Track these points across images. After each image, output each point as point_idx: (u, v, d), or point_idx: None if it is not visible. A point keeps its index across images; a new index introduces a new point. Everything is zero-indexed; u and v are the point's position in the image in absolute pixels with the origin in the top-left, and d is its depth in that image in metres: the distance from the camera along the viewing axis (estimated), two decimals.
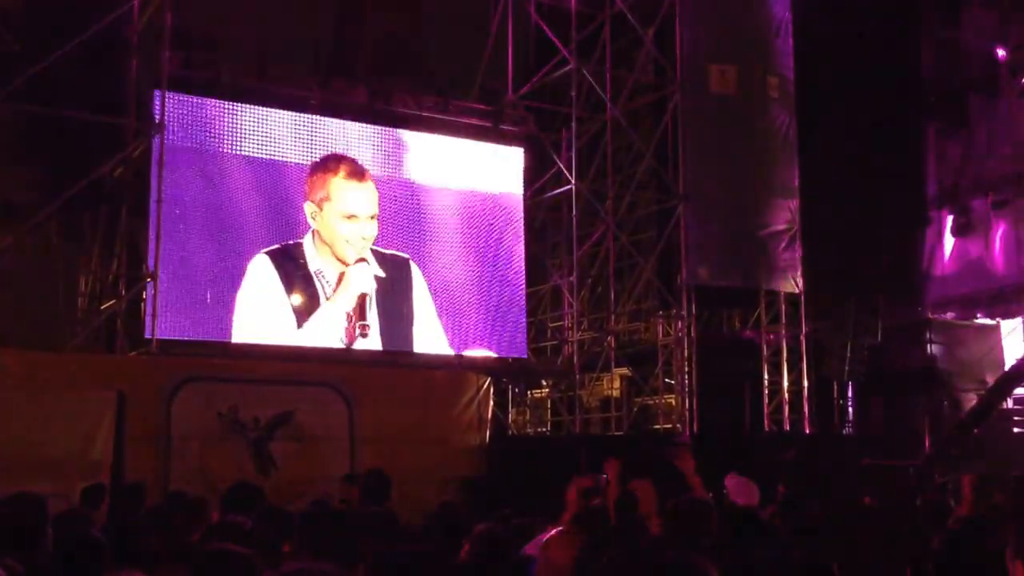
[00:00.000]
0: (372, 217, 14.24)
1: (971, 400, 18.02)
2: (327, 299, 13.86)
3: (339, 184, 14.17)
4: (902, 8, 18.46)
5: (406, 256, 14.72)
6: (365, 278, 13.86)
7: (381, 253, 14.44)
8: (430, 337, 14.76)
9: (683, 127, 15.72)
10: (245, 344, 13.41)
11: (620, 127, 16.28)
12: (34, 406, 10.21)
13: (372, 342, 14.18)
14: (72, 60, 11.85)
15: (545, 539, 5.44)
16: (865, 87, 17.81)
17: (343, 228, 13.97)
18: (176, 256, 13.04)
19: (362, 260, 13.88)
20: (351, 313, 13.74)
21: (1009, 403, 18.22)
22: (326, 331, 13.81)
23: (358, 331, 13.66)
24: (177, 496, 7.62)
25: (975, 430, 14.92)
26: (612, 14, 15.84)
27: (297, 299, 13.73)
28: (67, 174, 12.16)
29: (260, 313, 13.55)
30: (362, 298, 13.72)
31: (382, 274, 14.32)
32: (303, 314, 13.73)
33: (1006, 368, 18.71)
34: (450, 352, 14.84)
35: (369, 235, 14.14)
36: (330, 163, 14.26)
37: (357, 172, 14.34)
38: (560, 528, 5.61)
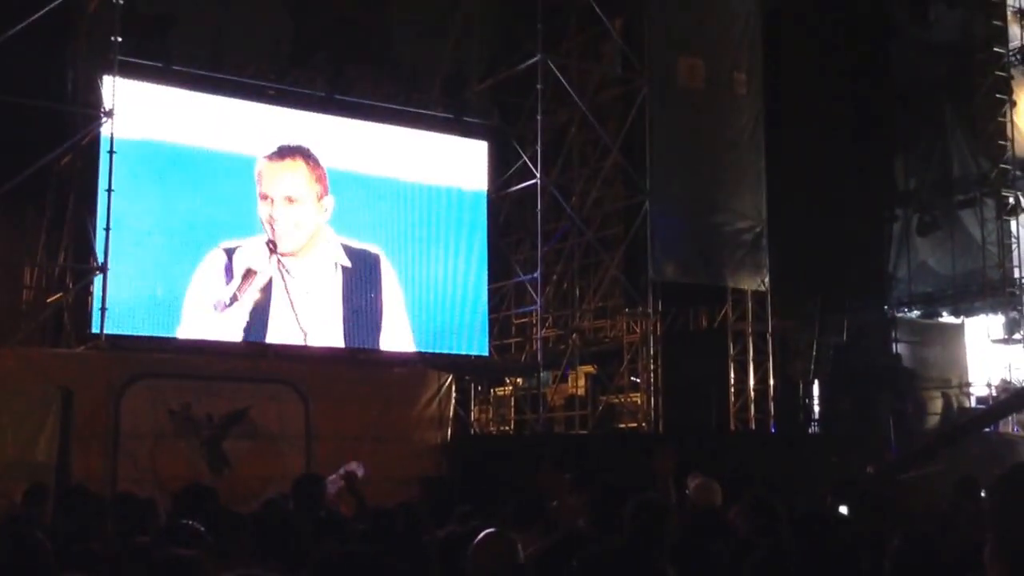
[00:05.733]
0: (289, 200, 13.66)
1: (934, 399, 18.02)
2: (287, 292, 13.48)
3: (262, 165, 13.72)
4: (871, 7, 18.43)
5: (376, 252, 14.34)
6: (252, 255, 13.31)
7: (350, 247, 14.09)
8: (397, 333, 14.41)
9: (650, 121, 15.49)
10: (198, 340, 12.97)
11: (587, 121, 16.02)
12: None
13: (334, 338, 13.82)
14: (17, 46, 11.40)
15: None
16: (833, 85, 17.77)
17: (259, 210, 13.55)
18: (126, 248, 12.55)
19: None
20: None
21: (972, 403, 18.28)
22: (281, 326, 13.42)
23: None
24: (125, 497, 7.32)
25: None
26: (579, 5, 15.54)
27: (251, 294, 13.30)
28: (11, 163, 11.71)
29: (210, 307, 13.11)
30: (248, 273, 13.23)
31: (348, 264, 13.98)
32: (255, 309, 13.33)
33: (968, 365, 18.79)
34: (414, 349, 14.51)
35: (282, 218, 13.52)
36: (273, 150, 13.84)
37: (280, 153, 13.83)
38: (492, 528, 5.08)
